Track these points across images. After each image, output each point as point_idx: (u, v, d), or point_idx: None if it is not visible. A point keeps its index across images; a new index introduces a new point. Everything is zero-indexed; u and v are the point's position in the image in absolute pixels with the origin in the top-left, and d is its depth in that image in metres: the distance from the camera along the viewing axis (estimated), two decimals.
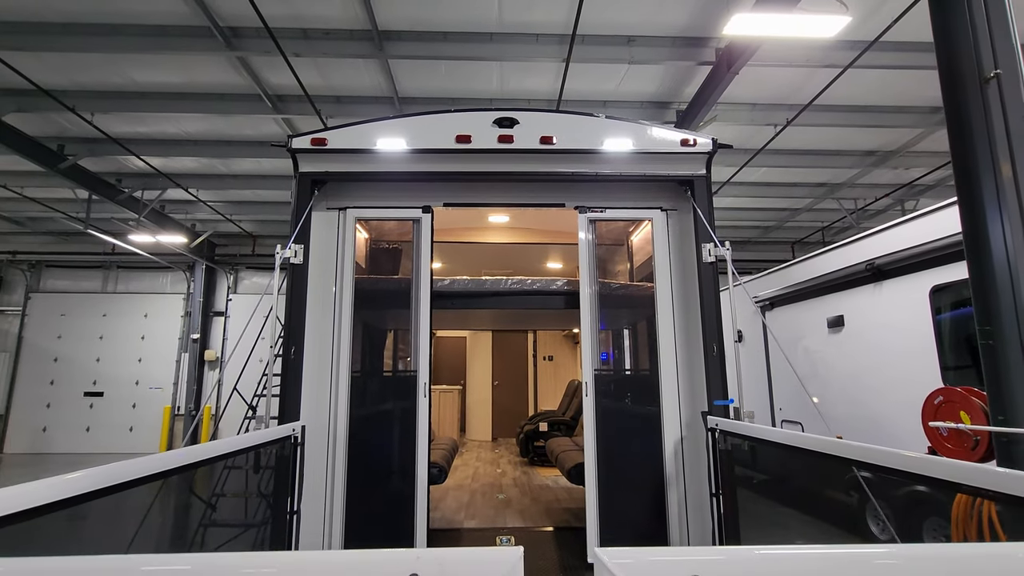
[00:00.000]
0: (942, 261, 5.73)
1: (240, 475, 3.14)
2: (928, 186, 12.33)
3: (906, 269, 6.13)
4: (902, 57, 7.73)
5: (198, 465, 2.05)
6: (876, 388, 6.50)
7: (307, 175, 3.49)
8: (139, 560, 0.87)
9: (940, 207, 5.87)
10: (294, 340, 3.34)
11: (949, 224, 5.72)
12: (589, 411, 3.47)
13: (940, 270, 5.74)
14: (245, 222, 14.77)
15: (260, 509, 2.77)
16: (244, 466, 3.02)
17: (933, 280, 5.78)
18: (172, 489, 2.39)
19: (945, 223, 5.74)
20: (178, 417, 15.19)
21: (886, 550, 0.75)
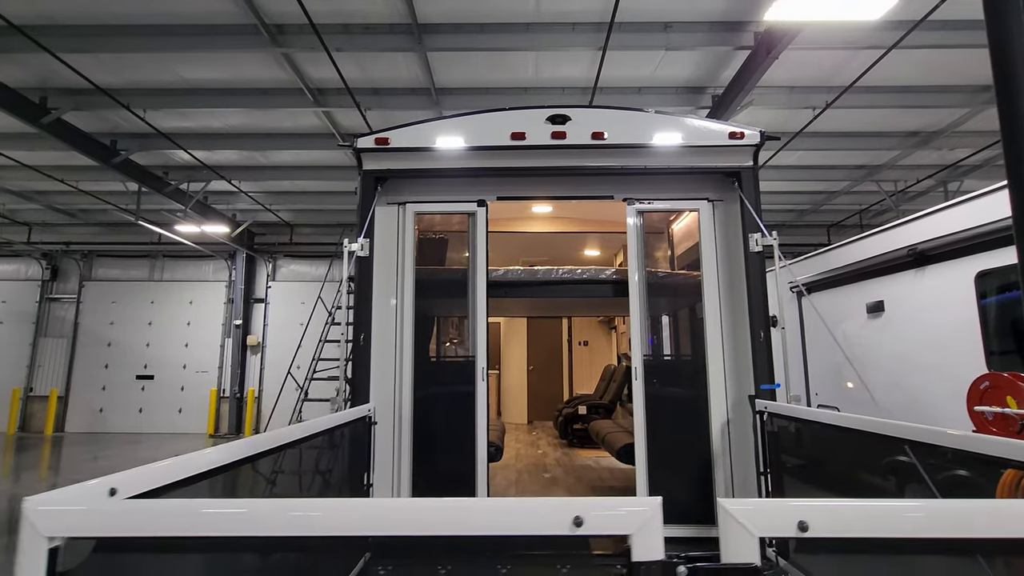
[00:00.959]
0: (989, 246, 5.68)
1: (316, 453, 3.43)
2: (974, 167, 11.97)
3: (950, 254, 6.08)
4: (949, 36, 7.53)
5: (305, 440, 2.31)
6: (917, 373, 6.49)
7: (370, 172, 3.70)
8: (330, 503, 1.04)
9: (987, 192, 5.79)
10: (362, 327, 3.58)
11: (996, 208, 5.66)
12: (639, 394, 3.65)
13: (986, 255, 5.69)
14: (283, 211, 15.23)
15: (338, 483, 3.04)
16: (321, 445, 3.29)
17: (979, 265, 5.73)
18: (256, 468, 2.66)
19: (992, 207, 5.68)
20: (223, 399, 15.89)
21: (989, 505, 0.86)
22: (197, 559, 1.27)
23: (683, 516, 3.52)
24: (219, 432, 15.58)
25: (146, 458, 11.47)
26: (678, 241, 5.68)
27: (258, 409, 15.90)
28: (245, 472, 1.88)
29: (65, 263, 16.88)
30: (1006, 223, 5.55)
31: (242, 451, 1.85)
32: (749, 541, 0.85)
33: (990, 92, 9.55)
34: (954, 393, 6.09)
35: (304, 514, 1.00)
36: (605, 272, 4.44)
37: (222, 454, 1.73)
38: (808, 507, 0.86)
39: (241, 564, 1.46)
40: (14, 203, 14.29)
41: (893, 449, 2.63)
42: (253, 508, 1.04)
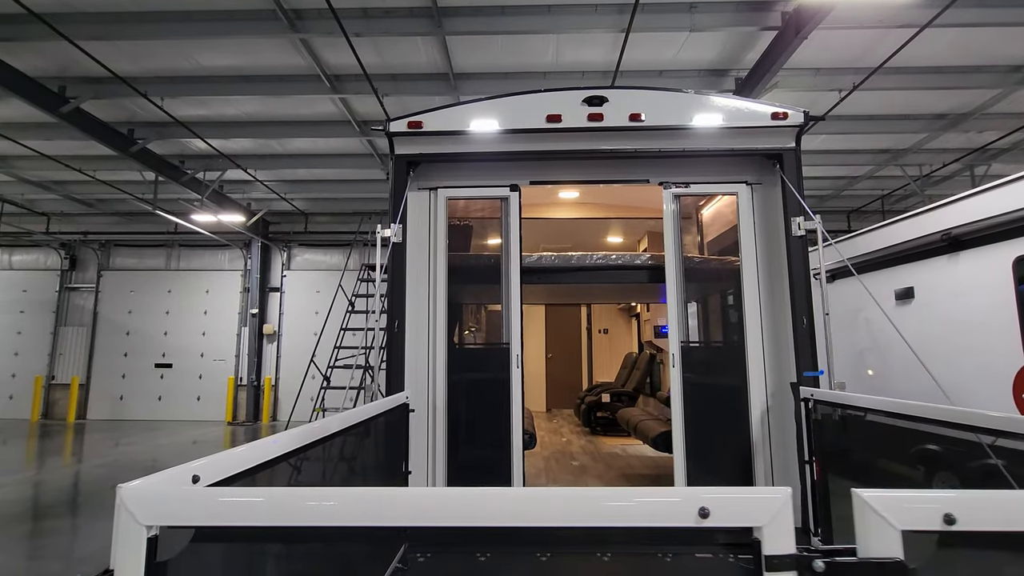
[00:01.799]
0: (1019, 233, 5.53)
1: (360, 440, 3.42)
2: (1003, 149, 11.68)
3: (987, 239, 5.92)
4: (983, 13, 7.29)
5: (356, 427, 2.29)
6: (949, 361, 6.37)
7: (403, 157, 3.64)
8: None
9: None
10: (397, 314, 3.54)
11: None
12: (676, 382, 3.60)
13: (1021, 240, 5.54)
14: (298, 200, 15.23)
15: (379, 470, 3.04)
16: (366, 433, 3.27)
17: (1017, 251, 5.58)
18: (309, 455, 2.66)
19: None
20: (240, 387, 16.04)
21: None
22: (276, 547, 1.25)
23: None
24: (237, 420, 15.75)
25: (167, 444, 11.66)
26: (707, 226, 5.58)
27: (275, 397, 16.05)
28: (302, 459, 1.86)
29: (83, 252, 17.03)
30: None
31: (305, 438, 1.83)
32: (890, 534, 0.80)
33: (1022, 72, 9.25)
34: (989, 380, 5.99)
35: (402, 503, 0.96)
36: (640, 258, 4.36)
37: (290, 440, 1.71)
38: (955, 499, 0.80)
39: (309, 551, 1.45)
40: (32, 193, 14.40)
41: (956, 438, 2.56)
42: (342, 499, 1.01)
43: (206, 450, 11.16)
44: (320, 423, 2.07)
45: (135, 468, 10.00)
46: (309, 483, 2.09)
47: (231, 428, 14.89)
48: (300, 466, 1.82)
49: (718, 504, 0.85)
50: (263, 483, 1.62)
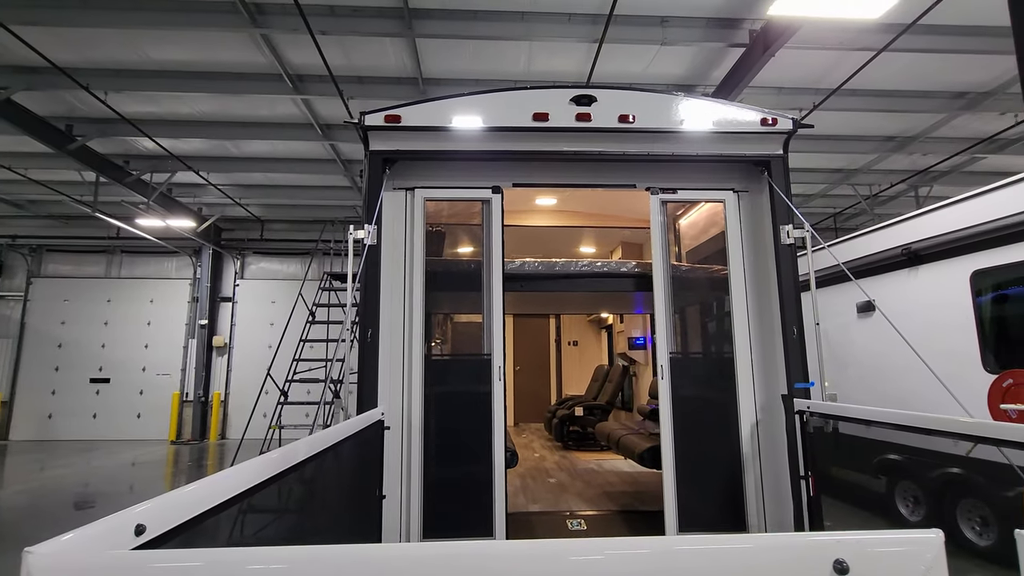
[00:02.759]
0: (984, 246, 5.75)
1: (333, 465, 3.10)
2: (943, 172, 12.35)
3: (945, 254, 6.14)
4: (933, 40, 7.67)
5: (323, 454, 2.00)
6: (910, 371, 6.53)
7: (378, 154, 3.39)
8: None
9: (982, 192, 5.87)
10: (370, 323, 3.26)
11: (991, 209, 5.74)
12: (665, 395, 3.45)
13: (981, 255, 5.76)
14: (253, 206, 14.55)
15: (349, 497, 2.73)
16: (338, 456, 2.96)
17: (974, 265, 5.79)
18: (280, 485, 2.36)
19: (987, 208, 5.76)
20: (186, 403, 15.06)
21: None
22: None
23: (713, 522, 3.35)
24: (182, 438, 14.75)
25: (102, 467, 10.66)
26: (684, 235, 5.54)
27: (224, 413, 15.13)
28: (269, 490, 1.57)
29: (11, 258, 15.71)
30: (1001, 223, 5.64)
31: (269, 469, 1.55)
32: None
33: (965, 98, 9.79)
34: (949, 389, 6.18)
35: (372, 566, 0.74)
36: (626, 265, 4.24)
37: (252, 473, 1.43)
38: None
39: None
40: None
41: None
42: (293, 561, 0.77)
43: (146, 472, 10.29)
44: (286, 449, 1.78)
45: (63, 494, 9.12)
46: (275, 520, 1.80)
47: (175, 447, 13.91)
48: (266, 497, 1.54)
49: (857, 554, 0.66)
50: (223, 525, 1.34)
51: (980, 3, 6.90)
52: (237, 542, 1.45)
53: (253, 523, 1.53)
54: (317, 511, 2.17)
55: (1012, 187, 5.63)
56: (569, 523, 3.86)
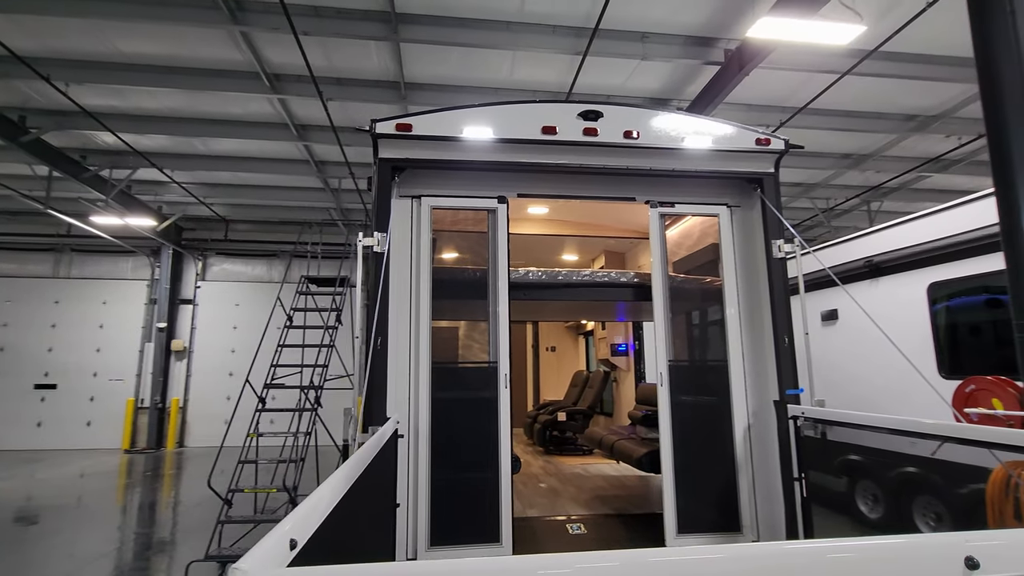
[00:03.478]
0: (940, 260, 6.19)
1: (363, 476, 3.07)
2: (892, 189, 13.14)
3: (904, 266, 6.56)
4: (890, 67, 8.20)
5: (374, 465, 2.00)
6: (871, 376, 6.94)
7: (387, 161, 3.39)
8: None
9: (938, 210, 6.33)
10: (380, 330, 3.24)
11: (948, 225, 6.19)
12: (664, 401, 3.58)
13: (938, 268, 6.19)
14: (218, 205, 14.06)
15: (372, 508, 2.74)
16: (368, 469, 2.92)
17: (931, 277, 6.22)
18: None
19: (944, 224, 6.21)
20: (142, 410, 14.38)
21: None
22: None
23: (708, 525, 3.49)
24: (136, 447, 14.06)
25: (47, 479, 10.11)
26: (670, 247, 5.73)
27: (183, 420, 14.52)
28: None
29: None
30: (956, 239, 6.08)
31: (350, 479, 1.57)
32: None
33: (915, 121, 10.42)
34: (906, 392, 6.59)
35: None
36: (626, 275, 4.36)
37: (340, 484, 1.45)
38: None
39: None
40: None
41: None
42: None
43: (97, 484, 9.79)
44: (353, 461, 1.80)
45: (3, 509, 8.54)
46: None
47: (129, 457, 13.25)
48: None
49: (986, 551, 0.75)
50: (334, 535, 1.37)
51: (933, 33, 7.42)
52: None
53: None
54: (352, 521, 2.16)
55: (965, 206, 6.10)
56: (569, 527, 3.93)
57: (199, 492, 8.93)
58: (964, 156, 11.31)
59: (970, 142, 10.43)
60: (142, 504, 8.66)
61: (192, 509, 8.16)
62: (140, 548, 6.30)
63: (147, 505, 8.58)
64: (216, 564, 5.26)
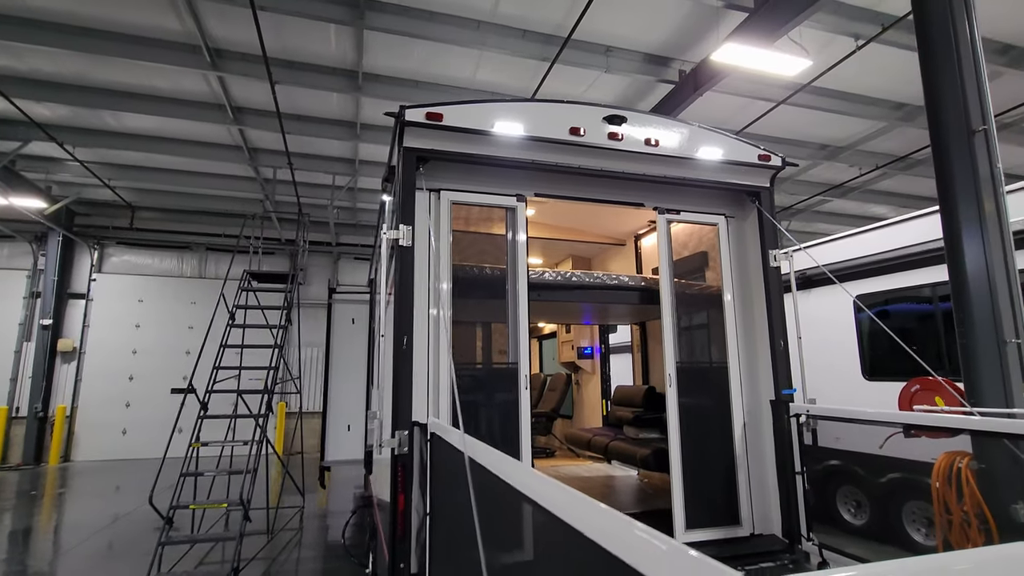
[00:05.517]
0: (864, 275, 6.97)
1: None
2: (799, 210, 14.57)
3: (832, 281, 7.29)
4: (816, 100, 9.13)
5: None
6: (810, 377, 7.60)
7: (412, 151, 3.20)
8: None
9: (863, 231, 7.13)
10: (405, 330, 3.05)
11: (871, 245, 7.00)
12: (672, 402, 3.70)
13: (863, 282, 6.96)
14: (124, 189, 12.55)
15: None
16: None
17: (858, 290, 6.97)
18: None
19: (868, 243, 7.01)
20: (16, 420, 12.43)
21: None
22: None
23: (712, 519, 3.64)
24: (8, 462, 12.12)
25: None
26: (645, 254, 5.94)
27: (70, 431, 12.73)
28: None
29: None
30: (879, 257, 6.88)
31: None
32: None
33: (826, 150, 11.53)
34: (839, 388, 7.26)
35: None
36: (632, 279, 4.44)
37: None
38: None
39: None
40: None
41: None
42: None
43: None
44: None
45: None
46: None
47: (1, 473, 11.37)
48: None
49: None
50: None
51: (851, 74, 8.36)
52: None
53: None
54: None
55: (885, 229, 6.93)
56: None
57: (96, 513, 7.84)
58: (860, 184, 12.82)
59: (868, 172, 11.84)
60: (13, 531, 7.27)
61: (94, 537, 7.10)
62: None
63: (19, 533, 7.18)
64: None
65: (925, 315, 6.28)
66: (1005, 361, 3.88)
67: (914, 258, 6.34)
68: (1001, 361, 3.89)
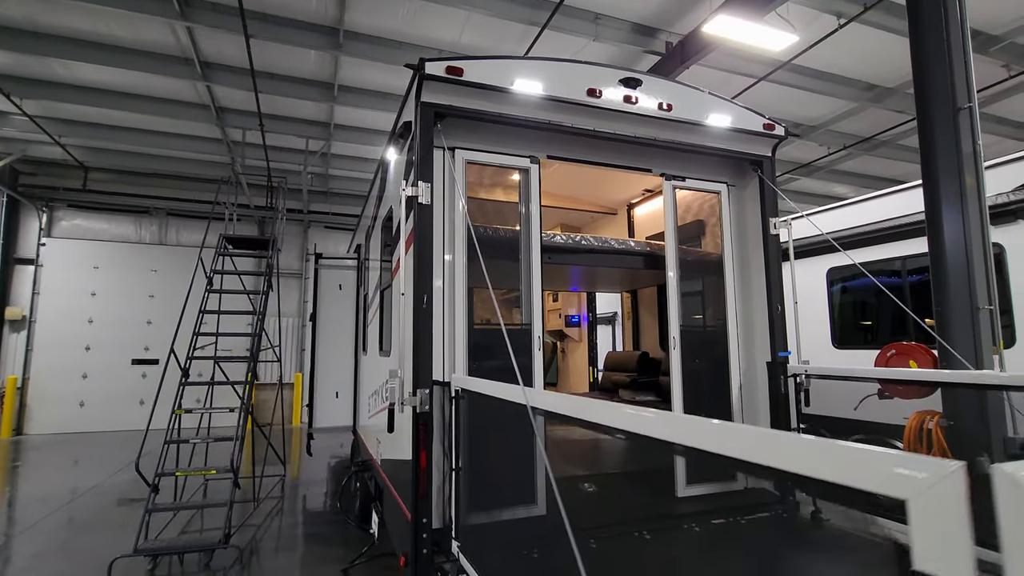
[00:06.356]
0: (835, 249, 7.27)
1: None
2: None
3: (807, 253, 7.60)
4: (795, 78, 9.33)
5: None
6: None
7: (430, 106, 3.10)
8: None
9: (835, 207, 7.42)
10: (425, 288, 3.01)
11: (843, 220, 7.30)
12: (676, 364, 3.83)
13: (835, 256, 7.27)
14: (76, 148, 11.72)
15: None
16: None
17: (830, 263, 7.29)
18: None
19: (841, 219, 7.30)
20: None
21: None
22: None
23: (708, 475, 3.82)
24: None
25: None
26: (639, 224, 6.01)
27: (21, 403, 12.07)
28: None
29: None
30: (850, 232, 7.19)
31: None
32: None
33: (799, 129, 11.80)
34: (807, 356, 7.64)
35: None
36: (638, 244, 4.49)
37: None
38: None
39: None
40: None
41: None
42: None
43: None
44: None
45: None
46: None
47: None
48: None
49: None
50: None
51: (828, 53, 8.56)
52: None
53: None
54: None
55: (855, 205, 7.25)
56: (583, 485, 4.04)
57: (57, 487, 7.52)
58: (826, 164, 13.27)
59: (835, 152, 12.25)
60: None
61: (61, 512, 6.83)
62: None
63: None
64: (147, 559, 4.54)
65: (894, 287, 6.63)
66: (977, 327, 4.16)
67: (885, 232, 6.67)
68: (974, 327, 4.16)
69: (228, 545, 4.76)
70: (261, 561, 4.86)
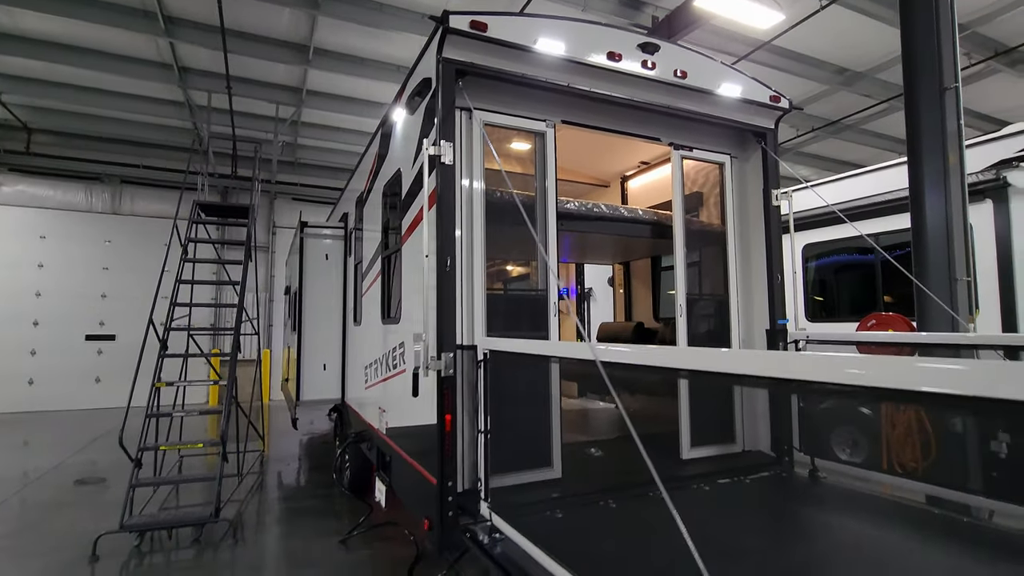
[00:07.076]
0: (811, 226, 7.55)
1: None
2: None
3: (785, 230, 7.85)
4: (773, 58, 9.50)
5: None
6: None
7: (451, 62, 2.98)
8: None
9: (811, 185, 7.67)
10: (447, 250, 2.93)
11: (816, 199, 7.56)
12: (682, 330, 3.92)
13: (810, 232, 7.54)
14: (18, 107, 10.79)
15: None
16: None
17: (805, 240, 7.57)
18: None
19: (816, 198, 7.56)
20: None
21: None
22: None
23: (711, 438, 3.95)
24: None
25: None
26: (632, 196, 6.04)
27: None
28: None
29: None
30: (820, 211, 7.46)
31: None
32: None
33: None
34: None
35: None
36: (646, 213, 4.50)
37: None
38: None
39: None
40: None
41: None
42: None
43: None
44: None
45: None
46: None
47: None
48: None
49: None
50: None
51: (803, 35, 8.76)
52: None
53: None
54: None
55: (827, 185, 7.52)
56: (591, 450, 4.10)
57: (10, 469, 7.12)
58: (793, 146, 13.67)
59: (803, 134, 12.63)
60: None
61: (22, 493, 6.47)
62: None
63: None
64: (133, 535, 4.36)
65: (868, 263, 6.94)
66: (955, 297, 4.41)
67: (861, 210, 6.96)
68: (952, 297, 4.42)
69: (219, 519, 4.63)
70: (255, 534, 4.76)
